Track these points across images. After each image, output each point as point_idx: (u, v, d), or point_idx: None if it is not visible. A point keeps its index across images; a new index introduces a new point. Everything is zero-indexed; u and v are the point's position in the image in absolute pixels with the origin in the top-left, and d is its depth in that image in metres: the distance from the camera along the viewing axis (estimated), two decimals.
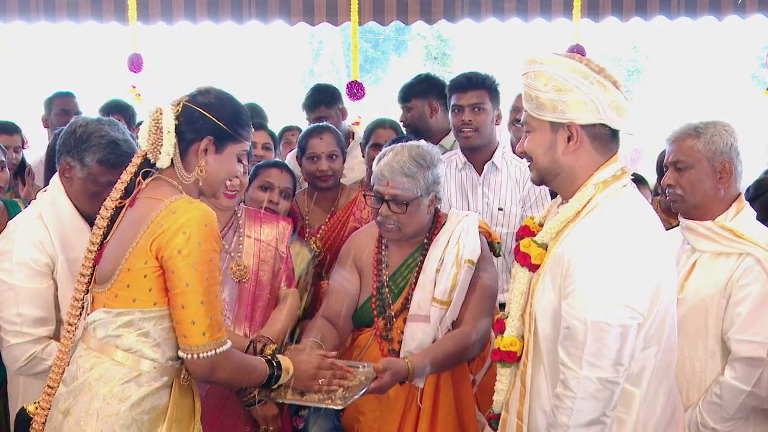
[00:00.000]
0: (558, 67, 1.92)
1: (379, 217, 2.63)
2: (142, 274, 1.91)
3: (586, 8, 5.25)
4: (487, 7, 5.45)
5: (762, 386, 2.21)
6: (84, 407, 1.91)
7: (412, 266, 2.69)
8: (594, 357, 1.84)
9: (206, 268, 1.89)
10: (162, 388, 1.96)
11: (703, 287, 2.30)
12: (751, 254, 2.24)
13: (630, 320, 1.85)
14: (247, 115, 2.10)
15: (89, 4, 5.42)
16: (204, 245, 1.88)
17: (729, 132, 2.34)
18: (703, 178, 2.33)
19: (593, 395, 1.85)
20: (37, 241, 2.35)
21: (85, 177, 2.38)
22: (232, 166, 2.07)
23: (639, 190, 2.05)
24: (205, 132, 2.00)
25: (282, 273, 2.80)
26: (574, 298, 1.87)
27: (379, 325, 2.66)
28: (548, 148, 1.97)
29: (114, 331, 1.94)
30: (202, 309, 1.88)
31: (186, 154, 2.00)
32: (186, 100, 2.02)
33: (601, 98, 1.91)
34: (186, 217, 1.88)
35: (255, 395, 2.61)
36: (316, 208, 3.31)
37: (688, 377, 2.31)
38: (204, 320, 1.89)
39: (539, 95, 1.93)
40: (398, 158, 2.57)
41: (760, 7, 5.45)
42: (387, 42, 17.50)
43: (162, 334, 1.95)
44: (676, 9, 5.47)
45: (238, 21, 5.48)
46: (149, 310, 1.93)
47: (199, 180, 2.01)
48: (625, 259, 1.86)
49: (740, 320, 2.23)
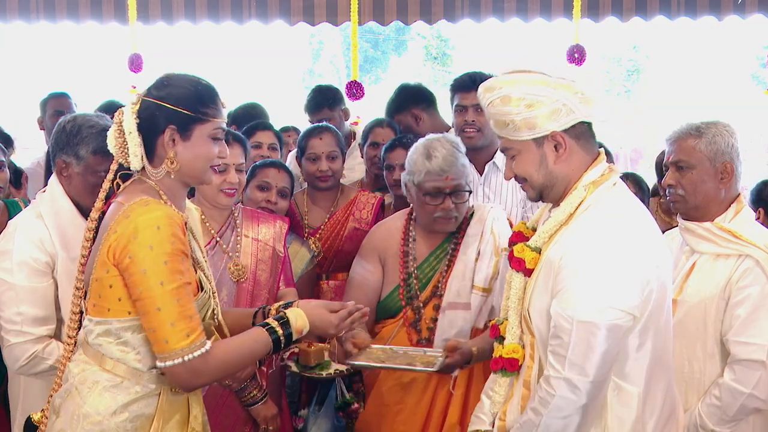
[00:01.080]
0: (519, 85, 1.90)
1: (439, 212, 2.67)
2: (108, 284, 1.84)
3: (586, 8, 5.23)
4: (487, 7, 5.44)
5: (761, 388, 2.20)
6: (70, 411, 1.89)
7: (441, 256, 2.74)
8: (578, 358, 1.84)
9: (159, 271, 1.78)
10: (147, 396, 1.91)
11: (702, 289, 2.29)
12: (751, 256, 2.24)
13: (618, 321, 1.84)
14: (211, 92, 1.95)
15: (89, 5, 5.41)
16: (156, 249, 1.78)
17: (730, 132, 2.33)
18: (704, 179, 2.32)
19: (572, 396, 1.85)
20: (37, 240, 2.35)
21: (83, 170, 2.38)
22: (207, 149, 1.92)
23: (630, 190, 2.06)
24: (165, 122, 1.88)
25: (280, 272, 2.80)
26: (562, 297, 1.87)
27: (408, 314, 2.71)
28: (540, 163, 1.96)
29: (95, 339, 1.90)
30: (159, 316, 1.79)
31: (154, 150, 1.91)
32: (144, 95, 1.92)
33: (569, 98, 1.91)
34: (137, 221, 1.80)
35: (256, 394, 2.61)
36: (315, 208, 3.31)
37: (687, 379, 2.31)
38: (163, 327, 1.79)
39: (514, 118, 1.91)
40: (450, 151, 2.66)
41: (760, 7, 5.44)
42: (387, 42, 17.50)
43: (141, 342, 1.88)
44: (676, 9, 5.46)
45: (238, 21, 5.47)
46: (124, 320, 1.86)
47: (171, 173, 1.90)
48: (615, 259, 1.85)
49: (739, 322, 2.22)
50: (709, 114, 2.53)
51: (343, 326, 2.11)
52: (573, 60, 4.96)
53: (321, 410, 2.86)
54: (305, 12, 5.44)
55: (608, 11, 5.43)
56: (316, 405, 2.90)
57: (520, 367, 2.04)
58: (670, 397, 2.03)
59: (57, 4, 5.41)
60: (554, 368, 1.87)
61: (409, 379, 2.63)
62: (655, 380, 1.96)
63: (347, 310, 2.11)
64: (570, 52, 4.96)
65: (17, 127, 4.67)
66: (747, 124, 8.01)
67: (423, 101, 3.81)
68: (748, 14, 5.47)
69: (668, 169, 2.40)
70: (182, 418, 1.99)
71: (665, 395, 1.99)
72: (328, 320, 2.08)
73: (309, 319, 2.04)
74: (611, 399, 1.92)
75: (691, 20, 5.54)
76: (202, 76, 1.98)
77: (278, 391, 2.82)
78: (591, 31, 5.49)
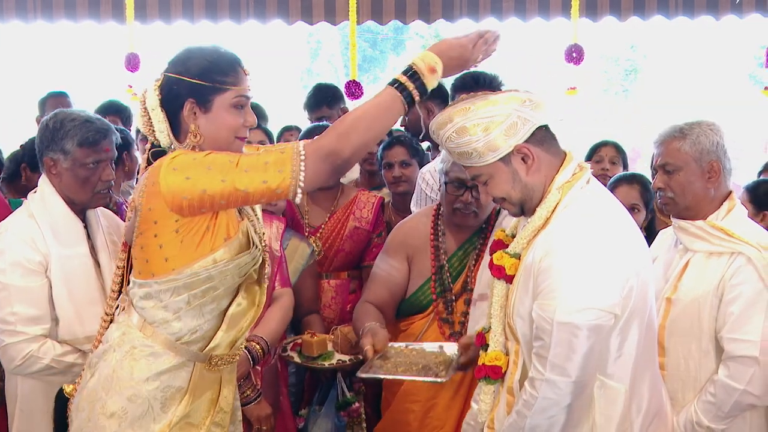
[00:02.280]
0: (469, 114, 1.89)
1: (458, 204, 2.66)
2: (157, 245, 1.84)
3: (585, 8, 5.24)
4: (486, 7, 5.45)
5: (755, 384, 2.21)
6: (105, 372, 1.91)
7: (469, 250, 2.74)
8: (559, 359, 1.85)
9: (198, 169, 1.78)
10: (180, 367, 1.92)
11: (696, 287, 2.30)
12: (743, 253, 2.24)
13: (599, 321, 1.85)
14: (230, 60, 1.90)
15: (87, 4, 5.41)
16: (180, 167, 1.79)
17: (714, 131, 2.33)
18: (692, 179, 2.32)
19: (555, 396, 1.87)
20: (29, 239, 2.36)
21: (71, 165, 2.38)
22: (230, 119, 1.88)
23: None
24: (184, 96, 1.87)
25: (276, 272, 2.80)
26: (543, 299, 1.88)
27: (439, 308, 2.69)
28: (513, 180, 1.97)
29: (138, 302, 1.92)
30: (247, 176, 1.77)
31: (179, 125, 1.90)
32: (165, 70, 1.93)
33: (519, 108, 1.91)
34: (167, 161, 1.82)
35: (249, 394, 2.62)
36: (315, 207, 3.31)
37: (682, 377, 2.31)
38: (261, 177, 1.76)
39: (475, 147, 1.91)
40: None
41: (758, 6, 5.45)
42: (385, 41, 17.48)
43: (182, 304, 1.88)
44: (674, 9, 5.47)
45: (236, 20, 5.47)
46: (163, 280, 1.87)
47: (197, 147, 1.88)
48: (593, 259, 1.87)
49: (732, 319, 2.23)
50: (707, 114, 2.53)
51: (479, 47, 1.89)
52: (571, 59, 4.96)
53: (322, 410, 2.86)
54: (303, 11, 5.44)
55: (606, 11, 5.44)
56: (316, 404, 2.90)
57: (504, 374, 2.04)
58: (657, 394, 2.04)
59: (54, 3, 5.41)
60: (537, 370, 1.89)
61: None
62: (640, 378, 1.97)
63: (476, 32, 1.90)
64: (568, 51, 4.96)
65: (15, 126, 4.65)
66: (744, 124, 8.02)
67: (438, 96, 3.83)
68: (746, 14, 5.49)
69: (657, 172, 2.40)
70: (212, 397, 2.00)
71: (651, 392, 2.01)
72: (459, 44, 1.88)
73: (438, 53, 1.84)
74: (598, 397, 1.93)
75: (689, 20, 5.55)
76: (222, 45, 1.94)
77: (274, 391, 2.82)
78: (589, 30, 5.50)
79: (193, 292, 1.88)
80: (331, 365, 2.71)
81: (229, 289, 1.93)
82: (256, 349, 2.62)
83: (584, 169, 2.01)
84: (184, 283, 1.87)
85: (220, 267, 1.87)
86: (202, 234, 1.85)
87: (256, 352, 2.62)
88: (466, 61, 1.89)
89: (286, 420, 2.84)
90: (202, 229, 1.85)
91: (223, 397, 2.02)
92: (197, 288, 1.88)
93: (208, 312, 1.92)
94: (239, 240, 1.90)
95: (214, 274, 1.87)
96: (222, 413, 2.03)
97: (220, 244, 1.87)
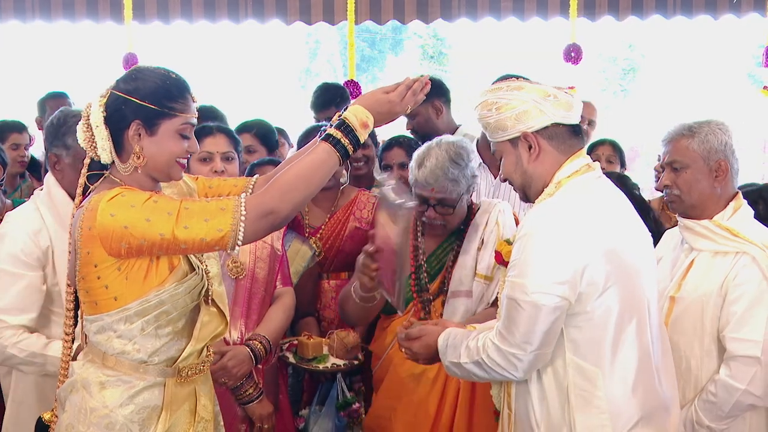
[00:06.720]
0: (496, 92, 2.02)
1: (425, 217, 2.71)
2: (95, 276, 1.83)
3: (583, 7, 5.25)
4: (484, 6, 5.45)
5: (756, 384, 2.21)
6: (77, 405, 1.90)
7: (447, 249, 2.78)
8: (505, 330, 1.93)
9: (136, 217, 1.77)
10: (152, 387, 1.91)
11: (700, 286, 2.30)
12: (747, 253, 2.25)
13: (542, 300, 1.87)
14: (180, 86, 1.90)
15: (85, 4, 5.40)
16: (119, 210, 1.77)
17: (723, 130, 2.34)
18: (699, 178, 2.33)
19: (498, 363, 1.94)
20: (31, 231, 2.38)
21: (72, 160, 2.41)
22: (175, 145, 1.88)
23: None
24: (131, 116, 1.85)
25: (277, 270, 2.81)
26: (507, 271, 1.98)
27: (417, 307, 2.73)
28: (516, 164, 2.04)
29: (93, 338, 1.91)
30: (188, 233, 1.78)
31: (122, 144, 1.87)
32: (112, 87, 1.89)
33: (539, 99, 1.98)
34: (104, 202, 1.78)
35: (251, 393, 2.62)
36: (315, 208, 3.31)
37: (684, 375, 2.31)
38: (200, 233, 1.78)
39: (489, 121, 2.02)
40: (440, 163, 2.63)
41: (756, 6, 5.45)
42: (384, 41, 17.49)
43: (136, 332, 1.87)
44: (672, 8, 5.48)
45: (235, 20, 5.47)
46: (113, 312, 1.86)
47: (138, 168, 1.87)
48: (549, 241, 1.90)
49: (735, 319, 2.23)
50: (705, 113, 2.54)
51: (408, 99, 2.00)
52: (569, 59, 4.97)
53: (322, 410, 2.86)
54: (302, 11, 5.44)
55: (604, 10, 5.45)
56: (317, 405, 2.90)
57: None
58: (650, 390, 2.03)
59: (53, 3, 5.40)
60: (492, 334, 1.98)
61: (420, 370, 2.62)
62: (640, 378, 1.96)
63: (404, 84, 2.01)
64: (566, 50, 4.97)
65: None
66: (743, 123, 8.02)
67: (444, 95, 3.82)
68: (744, 13, 5.49)
69: (664, 170, 2.41)
70: (190, 408, 1.99)
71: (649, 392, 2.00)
72: (387, 100, 1.98)
73: (368, 108, 1.94)
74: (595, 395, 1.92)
75: (687, 19, 5.56)
76: (173, 69, 1.94)
77: (275, 390, 2.83)
78: (587, 30, 5.50)
79: (146, 318, 1.86)
80: (326, 368, 2.72)
81: (183, 312, 1.92)
82: (258, 348, 2.62)
83: (591, 168, 2.02)
84: (135, 311, 1.86)
85: (170, 291, 1.86)
86: (146, 268, 1.84)
87: (259, 351, 2.62)
88: (395, 114, 2.00)
89: (285, 419, 2.84)
90: (145, 263, 1.84)
91: (201, 406, 2.01)
92: (150, 314, 1.86)
93: (165, 335, 1.91)
94: (182, 268, 1.90)
95: (165, 299, 1.86)
96: (204, 422, 2.02)
97: (167, 275, 1.87)
